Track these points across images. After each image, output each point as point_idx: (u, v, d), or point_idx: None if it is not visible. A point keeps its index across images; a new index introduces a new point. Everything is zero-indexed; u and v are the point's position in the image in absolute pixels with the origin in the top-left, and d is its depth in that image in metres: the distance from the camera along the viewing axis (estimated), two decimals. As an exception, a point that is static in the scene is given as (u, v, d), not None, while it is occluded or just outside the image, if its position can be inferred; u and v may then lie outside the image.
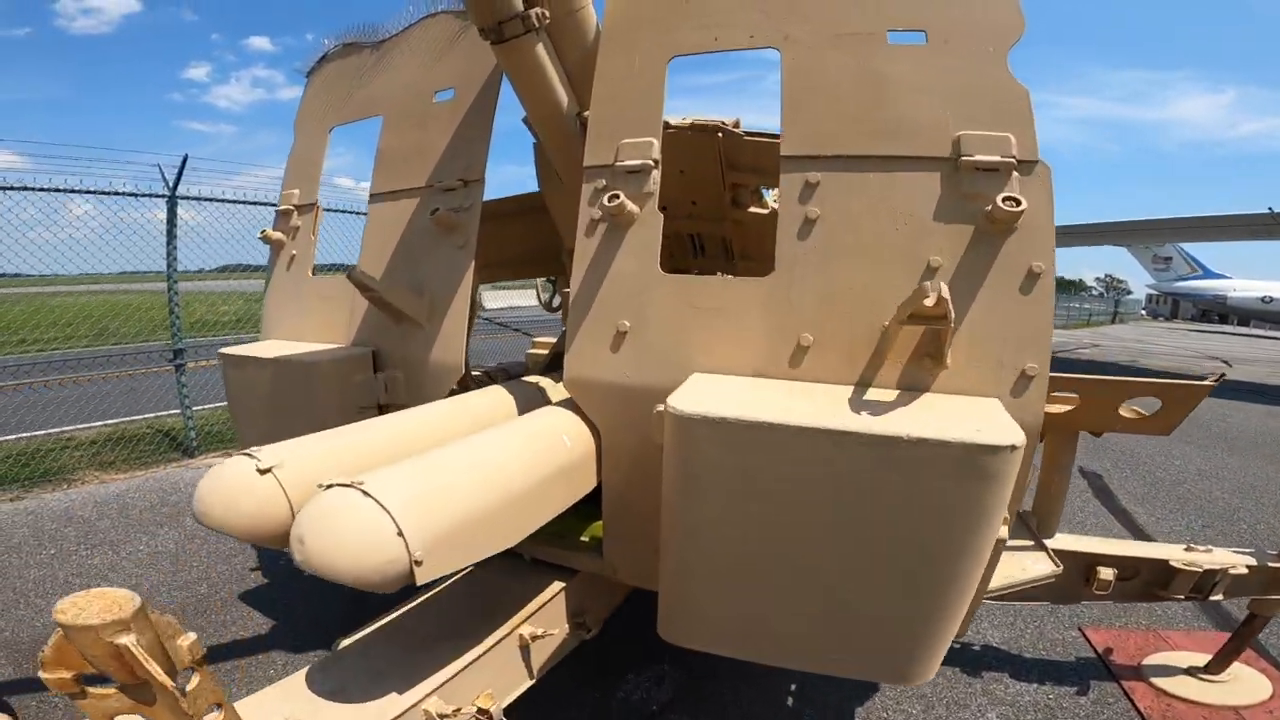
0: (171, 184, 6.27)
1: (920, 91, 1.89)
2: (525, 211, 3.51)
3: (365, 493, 1.38)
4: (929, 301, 1.52)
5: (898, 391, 1.77)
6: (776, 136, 2.87)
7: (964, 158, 1.81)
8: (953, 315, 1.56)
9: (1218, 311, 38.79)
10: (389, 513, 1.36)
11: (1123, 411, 2.53)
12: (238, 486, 1.63)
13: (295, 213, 3.09)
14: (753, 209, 3.37)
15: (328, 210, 7.66)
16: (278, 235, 3.10)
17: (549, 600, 2.24)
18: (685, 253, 3.84)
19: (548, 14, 2.07)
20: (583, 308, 2.10)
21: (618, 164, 2.09)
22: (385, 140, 2.81)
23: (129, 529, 4.95)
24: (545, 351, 3.85)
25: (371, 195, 2.81)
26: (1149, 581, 2.83)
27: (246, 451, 1.72)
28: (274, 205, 3.22)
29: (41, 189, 6.10)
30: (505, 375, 3.45)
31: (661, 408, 1.65)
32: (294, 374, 2.62)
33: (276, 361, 2.68)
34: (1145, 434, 2.64)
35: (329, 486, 1.42)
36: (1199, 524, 5.34)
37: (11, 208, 6.08)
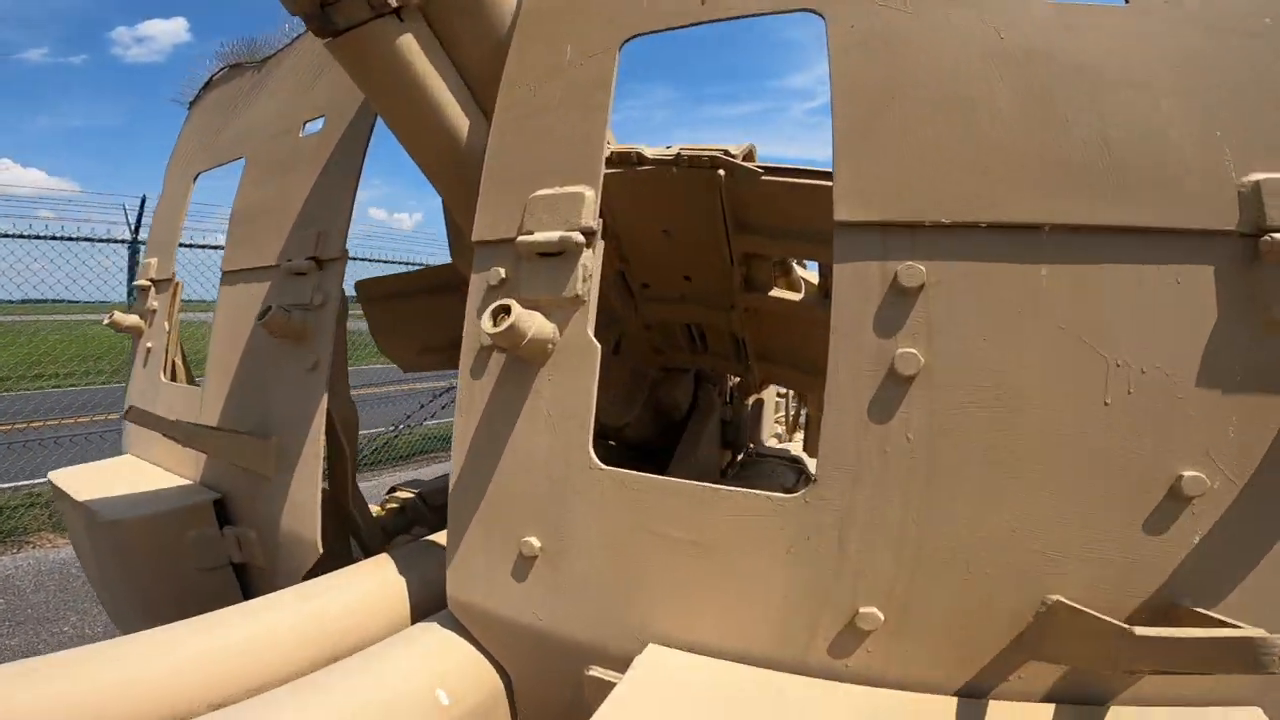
0: (133, 228, 5.75)
1: (1138, 89, 0.91)
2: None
3: None
4: None
5: (1052, 708, 0.90)
6: (813, 174, 1.88)
7: (1276, 234, 0.84)
8: None
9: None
10: None
11: None
12: None
13: (152, 289, 2.29)
14: (776, 292, 2.21)
15: (354, 259, 7.13)
16: (131, 320, 2.29)
17: None
18: (678, 347, 2.60)
19: None
20: (467, 503, 1.22)
21: (522, 238, 1.19)
22: (243, 192, 1.98)
23: (62, 605, 4.62)
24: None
25: (223, 273, 1.98)
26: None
27: None
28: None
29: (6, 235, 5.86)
30: (442, 498, 2.57)
31: (595, 673, 1.11)
32: (102, 527, 1.84)
33: (86, 507, 1.89)
34: None
35: None
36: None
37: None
